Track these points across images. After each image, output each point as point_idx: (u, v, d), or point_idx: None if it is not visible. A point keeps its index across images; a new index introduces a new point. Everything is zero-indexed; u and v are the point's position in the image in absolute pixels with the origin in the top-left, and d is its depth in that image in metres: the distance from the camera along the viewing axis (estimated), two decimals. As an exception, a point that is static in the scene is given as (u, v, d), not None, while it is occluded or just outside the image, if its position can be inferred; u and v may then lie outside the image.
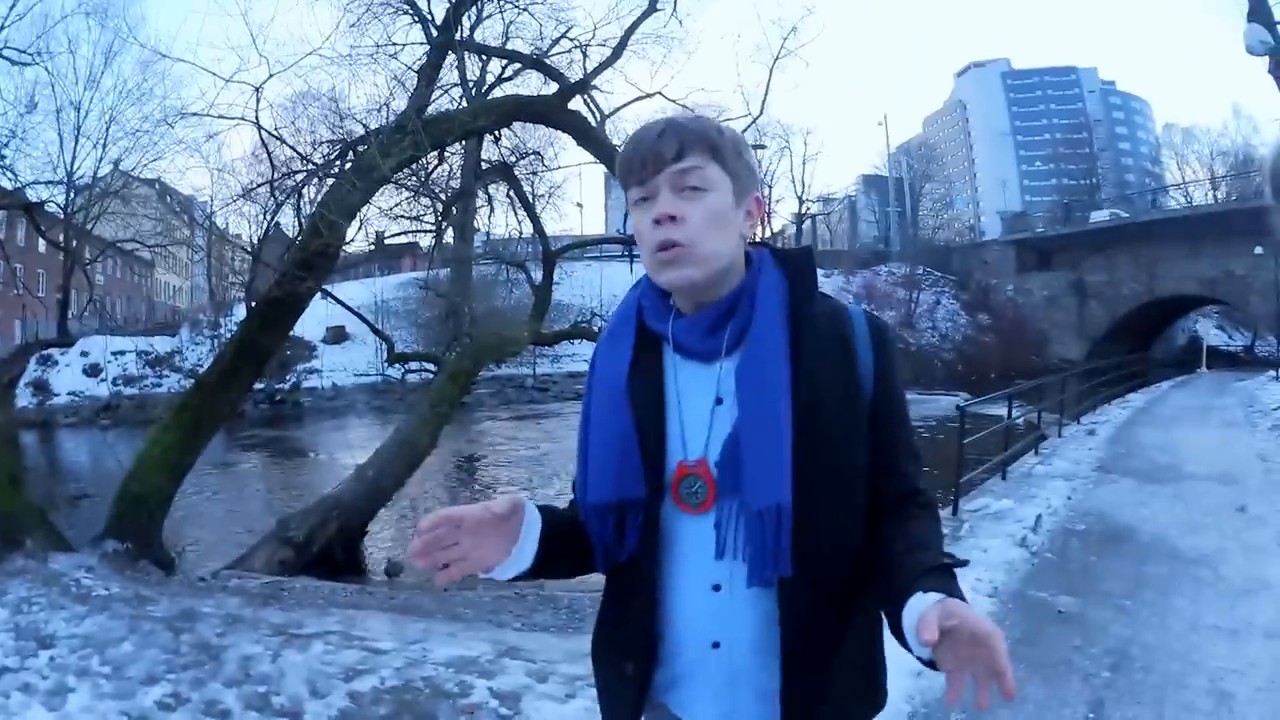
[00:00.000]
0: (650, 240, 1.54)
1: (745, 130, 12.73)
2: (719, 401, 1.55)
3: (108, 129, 35.52)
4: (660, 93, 13.68)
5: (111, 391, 38.89)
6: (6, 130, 13.39)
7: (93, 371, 40.01)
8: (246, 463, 22.92)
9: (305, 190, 11.77)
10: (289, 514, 11.23)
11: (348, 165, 11.22)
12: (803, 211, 71.05)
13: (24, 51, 13.76)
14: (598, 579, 1.72)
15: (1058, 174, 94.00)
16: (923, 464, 1.67)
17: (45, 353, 37.26)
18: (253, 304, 11.35)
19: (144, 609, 6.99)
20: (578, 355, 36.75)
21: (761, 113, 13.76)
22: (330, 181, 11.23)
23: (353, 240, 12.99)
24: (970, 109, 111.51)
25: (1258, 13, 16.86)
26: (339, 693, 5.07)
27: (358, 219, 11.97)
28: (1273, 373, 29.51)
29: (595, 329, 15.87)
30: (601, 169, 14.66)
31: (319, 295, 12.09)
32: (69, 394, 38.43)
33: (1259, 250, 38.58)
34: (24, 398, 35.60)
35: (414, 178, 13.47)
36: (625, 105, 13.87)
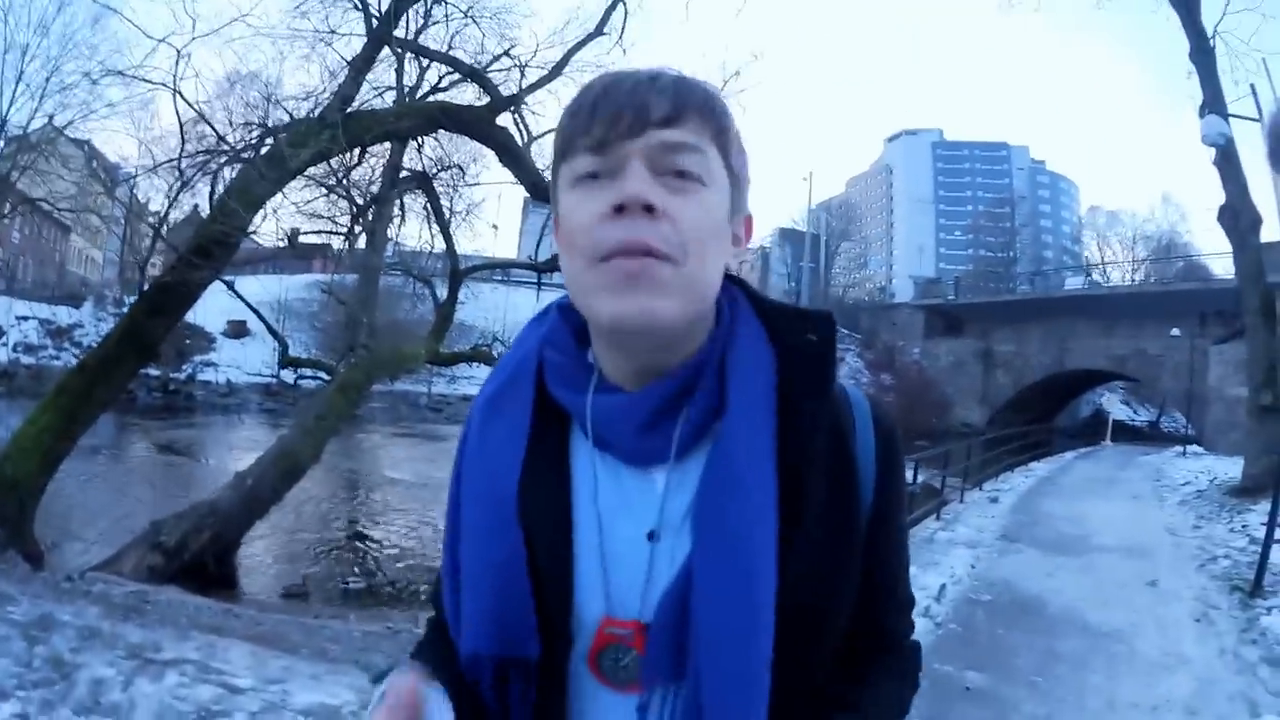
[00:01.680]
0: (602, 240, 1.01)
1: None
2: (653, 536, 1.08)
3: (47, 80, 34.83)
4: None
5: (9, 358, 37.73)
6: None
7: None
8: (131, 452, 22.48)
9: (221, 173, 11.57)
10: (163, 518, 10.78)
11: (256, 151, 11.08)
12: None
13: None
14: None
15: (976, 244, 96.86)
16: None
17: None
18: (144, 287, 11.18)
19: (3, 609, 6.53)
20: (474, 379, 36.50)
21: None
22: (237, 166, 11.13)
23: (257, 232, 12.90)
24: (896, 173, 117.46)
25: (1214, 106, 17.64)
26: (189, 735, 4.68)
27: (267, 211, 11.97)
28: (1179, 448, 31.06)
29: (495, 354, 15.74)
30: (522, 191, 14.50)
31: (222, 287, 11.99)
32: None
33: (1175, 332, 40.34)
34: None
35: (332, 176, 13.31)
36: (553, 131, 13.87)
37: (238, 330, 41.48)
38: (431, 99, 13.37)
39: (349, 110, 11.11)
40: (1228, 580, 9.78)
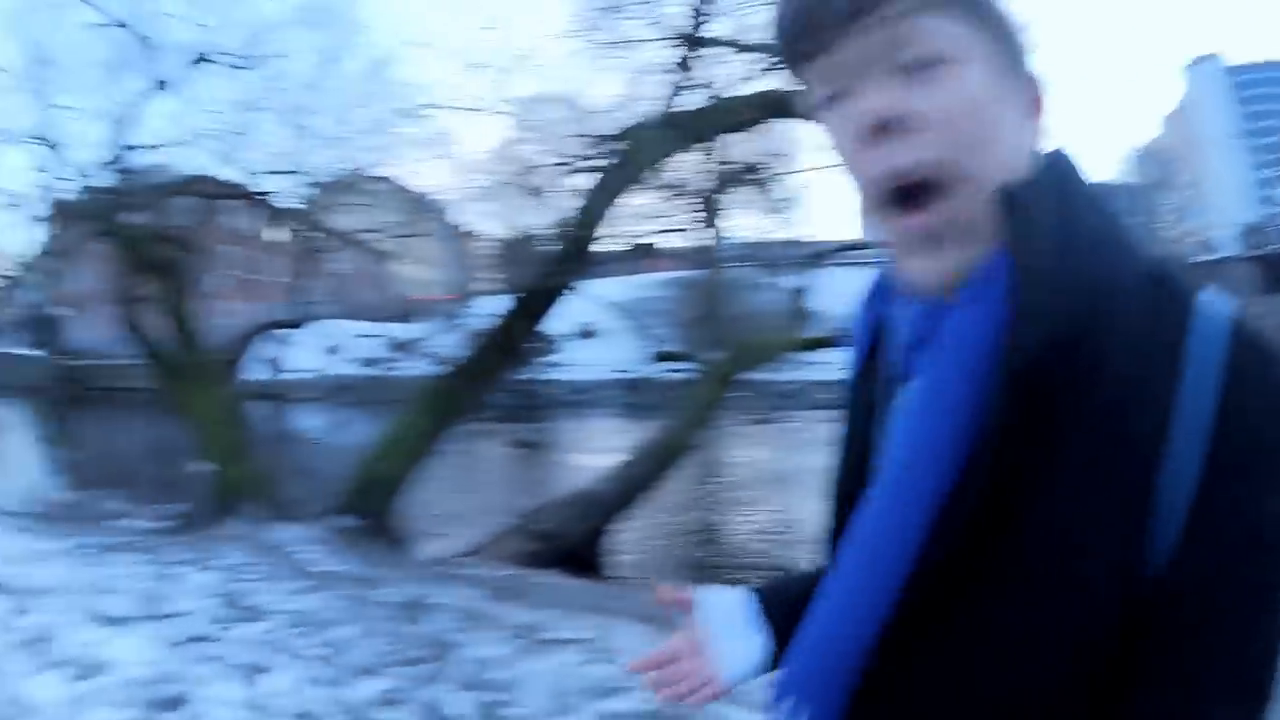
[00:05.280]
0: (868, 175, 0.85)
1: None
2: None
3: (336, 129, 37.48)
4: None
5: (350, 372, 40.99)
6: (230, 129, 14.04)
7: (332, 352, 42.89)
8: (485, 452, 23.18)
9: (556, 184, 11.90)
10: (540, 505, 11.27)
11: (599, 161, 11.30)
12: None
13: (238, 56, 14.44)
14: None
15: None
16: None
17: (281, 332, 39.84)
18: (511, 295, 11.60)
19: (372, 591, 6.90)
20: (824, 363, 36.25)
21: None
22: (581, 177, 11.38)
23: (605, 238, 13.18)
24: (1195, 109, 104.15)
25: None
26: (587, 712, 4.57)
27: (610, 217, 12.07)
28: None
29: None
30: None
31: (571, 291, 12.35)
32: (307, 371, 41.36)
33: None
34: (260, 372, 38.13)
35: (663, 176, 13.36)
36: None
37: (583, 332, 42.76)
38: (744, 89, 13.13)
39: (680, 110, 11.14)
40: None
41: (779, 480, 19.87)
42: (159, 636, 5.51)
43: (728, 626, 1.17)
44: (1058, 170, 0.87)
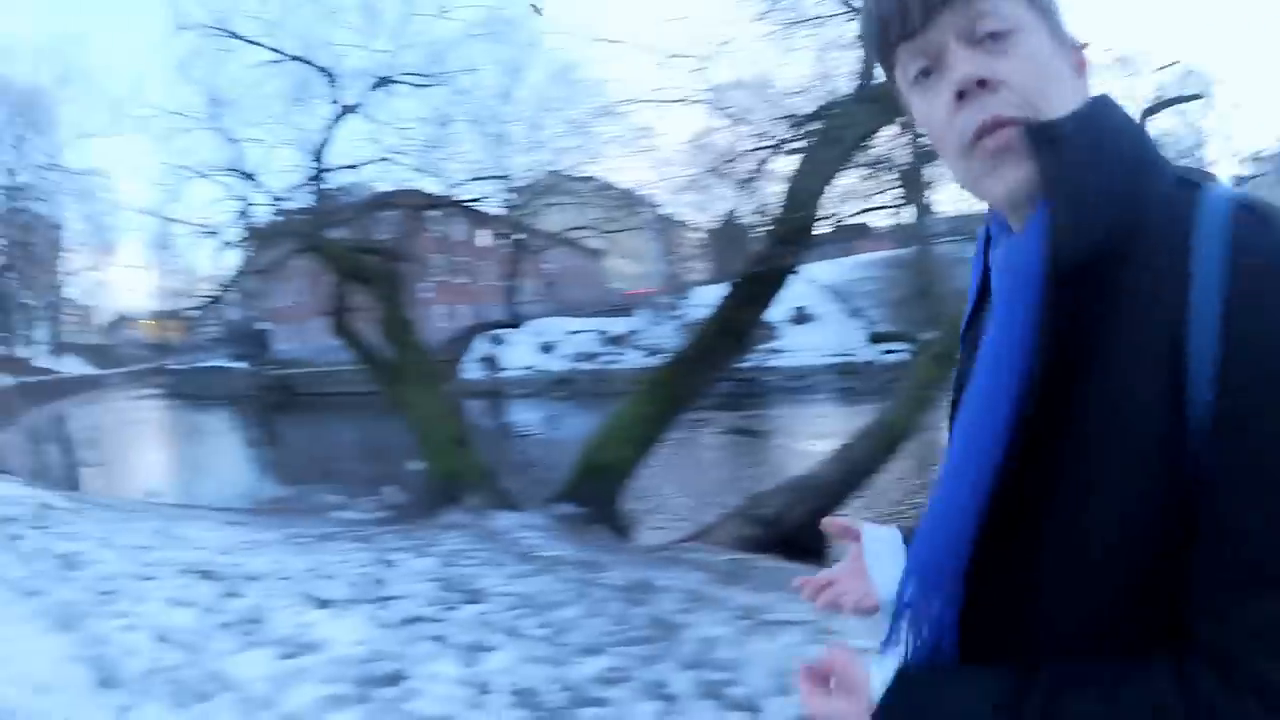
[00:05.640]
0: (963, 130, 1.00)
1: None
2: None
3: (531, 135, 38.55)
4: (1088, 44, 12.24)
5: (566, 367, 42.12)
6: (426, 143, 14.60)
7: (546, 349, 43.79)
8: (705, 440, 23.31)
9: (760, 170, 11.76)
10: (759, 491, 11.14)
11: (801, 143, 11.22)
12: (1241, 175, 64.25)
13: (421, 75, 14.95)
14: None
15: None
16: None
17: (496, 332, 41.02)
18: (731, 282, 11.58)
19: (595, 574, 6.95)
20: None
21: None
22: (785, 160, 11.33)
23: (827, 217, 13.10)
24: None
25: None
26: (808, 692, 4.39)
27: (822, 197, 11.90)
28: None
29: None
30: None
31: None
32: (522, 368, 42.47)
33: None
34: (476, 371, 40.13)
35: (867, 153, 13.17)
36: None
37: (799, 316, 42.46)
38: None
39: (876, 82, 10.54)
40: None
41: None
42: (374, 618, 5.67)
43: (882, 555, 1.37)
44: (1096, 109, 1.01)
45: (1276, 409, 0.80)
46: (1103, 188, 0.94)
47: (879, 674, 1.06)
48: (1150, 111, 11.28)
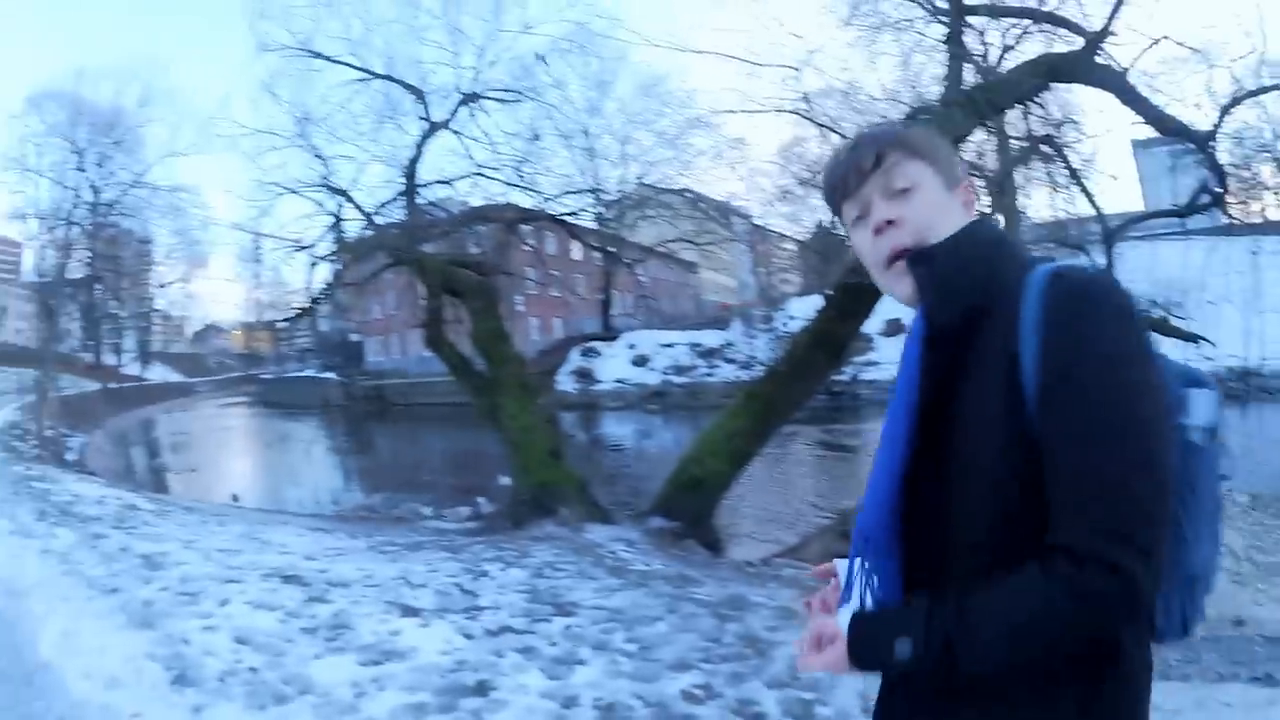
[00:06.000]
0: (878, 254, 1.55)
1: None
2: None
3: (621, 148, 38.29)
4: (1166, 36, 11.57)
5: (661, 380, 42.03)
6: (517, 157, 14.79)
7: (640, 362, 43.78)
8: (799, 454, 23.10)
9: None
10: (853, 506, 10.69)
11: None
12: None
13: (508, 91, 15.18)
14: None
15: None
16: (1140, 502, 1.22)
17: (589, 345, 40.85)
18: (827, 294, 11.44)
19: (687, 589, 6.92)
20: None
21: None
22: None
23: None
24: None
25: None
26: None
27: None
28: None
29: (1168, 321, 14.69)
30: (1126, 138, 13.25)
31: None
32: (615, 381, 42.53)
33: None
34: (569, 384, 40.73)
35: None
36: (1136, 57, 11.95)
37: (894, 328, 41.99)
38: (1016, 59, 12.44)
39: (961, 88, 10.93)
40: None
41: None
42: (462, 628, 5.66)
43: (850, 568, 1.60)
44: (965, 232, 1.49)
45: (1074, 386, 1.26)
46: (960, 286, 1.42)
47: (845, 621, 1.44)
48: (1227, 109, 10.80)
